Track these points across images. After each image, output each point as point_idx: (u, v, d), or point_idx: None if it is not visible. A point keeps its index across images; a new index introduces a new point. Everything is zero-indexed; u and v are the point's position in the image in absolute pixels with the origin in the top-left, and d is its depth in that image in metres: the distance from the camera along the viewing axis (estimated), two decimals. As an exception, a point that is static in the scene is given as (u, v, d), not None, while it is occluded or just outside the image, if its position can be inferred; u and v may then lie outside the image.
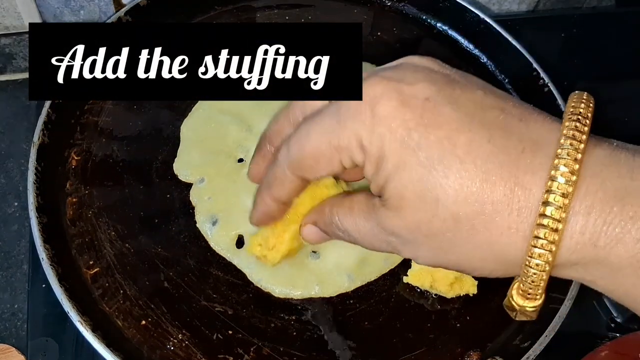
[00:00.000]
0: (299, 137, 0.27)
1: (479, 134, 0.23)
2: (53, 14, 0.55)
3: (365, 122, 0.24)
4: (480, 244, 0.23)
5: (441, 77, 0.25)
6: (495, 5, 0.64)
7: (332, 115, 0.26)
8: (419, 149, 0.23)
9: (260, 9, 0.51)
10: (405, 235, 0.25)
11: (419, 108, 0.23)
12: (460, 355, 0.36)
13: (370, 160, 0.25)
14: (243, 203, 0.40)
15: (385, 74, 0.25)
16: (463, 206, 0.23)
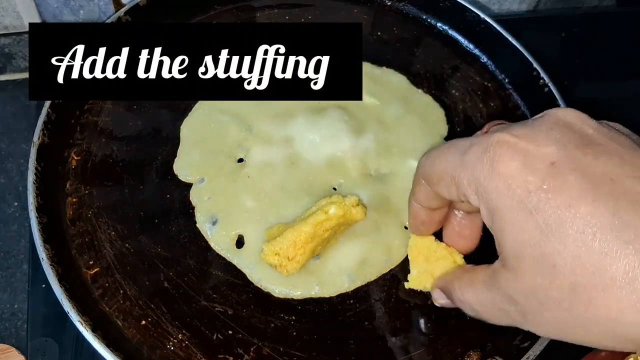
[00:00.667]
0: (434, 153, 0.29)
1: (602, 206, 0.22)
2: (52, 14, 0.55)
3: (483, 172, 0.24)
4: (599, 319, 0.23)
5: (577, 138, 0.24)
6: (496, 5, 0.64)
7: (461, 149, 0.26)
8: (536, 212, 0.23)
9: (260, 9, 0.51)
10: (522, 301, 0.25)
11: (543, 172, 0.23)
12: (460, 355, 0.36)
13: (484, 208, 0.25)
14: (243, 203, 0.40)
15: (519, 130, 0.25)
16: (581, 276, 0.22)
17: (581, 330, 0.24)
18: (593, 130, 0.24)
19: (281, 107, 0.44)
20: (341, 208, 0.36)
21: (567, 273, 0.22)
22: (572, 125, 0.24)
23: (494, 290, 0.26)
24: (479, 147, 0.25)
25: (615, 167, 0.23)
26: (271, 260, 0.36)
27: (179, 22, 0.49)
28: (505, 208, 0.24)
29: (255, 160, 0.41)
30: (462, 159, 0.26)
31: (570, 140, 0.24)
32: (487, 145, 0.25)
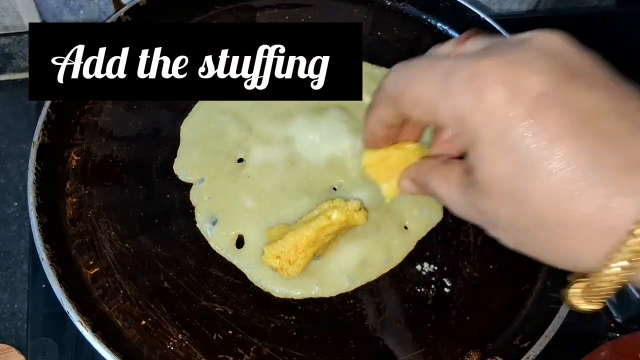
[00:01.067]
0: (407, 74, 0.27)
1: (582, 146, 0.22)
2: (52, 14, 0.55)
3: (468, 103, 0.24)
4: (561, 249, 0.23)
5: (564, 69, 0.23)
6: (496, 5, 0.64)
7: (442, 74, 0.25)
8: (514, 148, 0.23)
9: (260, 9, 0.51)
10: (493, 219, 0.25)
11: (527, 105, 0.22)
12: (460, 355, 0.36)
13: (464, 137, 0.25)
14: (243, 203, 0.40)
15: (507, 55, 0.24)
16: (549, 213, 0.23)
17: (543, 252, 0.24)
18: (580, 60, 0.24)
19: (281, 107, 0.44)
20: (344, 213, 0.36)
21: (537, 208, 0.23)
22: (560, 54, 0.24)
23: (468, 198, 0.26)
24: (463, 73, 0.24)
25: (601, 101, 0.23)
26: (272, 263, 0.36)
27: (179, 22, 0.49)
28: (486, 139, 0.23)
29: (255, 160, 0.41)
30: (444, 86, 0.25)
31: (559, 71, 0.23)
32: (474, 73, 0.24)
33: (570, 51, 0.24)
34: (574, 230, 0.22)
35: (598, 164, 0.21)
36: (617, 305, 0.43)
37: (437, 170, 0.29)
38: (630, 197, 0.21)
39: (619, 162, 0.21)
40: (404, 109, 0.28)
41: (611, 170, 0.21)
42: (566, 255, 0.23)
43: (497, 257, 0.40)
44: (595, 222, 0.22)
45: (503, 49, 0.25)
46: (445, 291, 0.38)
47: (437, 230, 0.40)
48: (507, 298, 0.38)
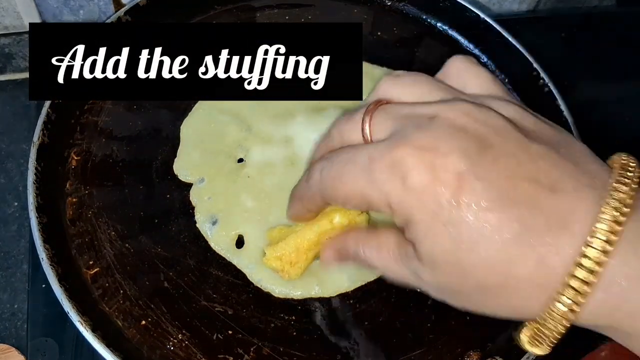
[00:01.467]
0: (332, 174, 0.28)
1: (508, 214, 0.23)
2: (52, 14, 0.55)
3: (395, 189, 0.25)
4: (505, 306, 0.25)
5: (474, 142, 0.24)
6: (496, 5, 0.64)
7: (364, 168, 0.26)
8: (449, 224, 0.24)
9: (260, 9, 0.51)
10: (436, 288, 0.27)
11: (451, 184, 0.24)
12: (460, 355, 0.36)
13: (400, 219, 0.26)
14: (243, 203, 0.40)
15: (419, 139, 0.25)
16: (488, 280, 0.24)
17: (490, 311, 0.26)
18: (486, 130, 0.25)
19: (281, 107, 0.44)
20: (346, 217, 0.36)
21: (478, 276, 0.24)
22: (467, 129, 0.25)
23: (405, 268, 0.28)
24: (384, 162, 0.25)
25: (514, 168, 0.24)
26: (273, 265, 0.36)
27: (179, 22, 0.49)
28: (420, 221, 0.25)
29: (255, 160, 0.41)
30: (368, 178, 0.26)
31: (470, 146, 0.24)
32: (393, 160, 0.25)
33: (476, 124, 0.25)
34: (515, 289, 0.24)
35: (526, 228, 0.23)
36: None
37: (368, 241, 0.30)
38: (559, 254, 0.23)
39: (542, 223, 0.23)
40: (336, 203, 0.29)
41: (537, 233, 0.23)
42: (511, 310, 0.25)
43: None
44: (533, 280, 0.24)
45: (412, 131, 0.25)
46: (445, 291, 0.38)
47: (437, 230, 0.40)
48: (507, 298, 0.38)
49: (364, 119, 0.28)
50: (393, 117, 0.27)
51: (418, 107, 0.27)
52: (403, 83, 0.28)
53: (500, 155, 0.24)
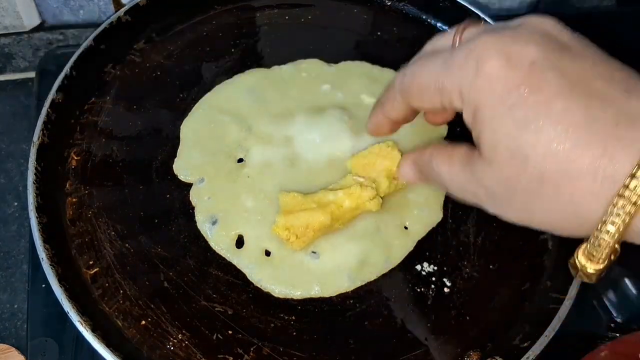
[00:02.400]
0: (413, 68, 0.29)
1: (577, 103, 0.23)
2: (52, 14, 0.55)
3: (468, 75, 0.26)
4: (563, 204, 0.25)
5: (555, 43, 0.25)
6: (496, 4, 0.64)
7: (443, 59, 0.27)
8: (515, 107, 0.24)
9: (260, 9, 0.51)
10: (494, 187, 0.27)
11: (522, 70, 0.24)
12: (460, 355, 0.36)
13: (468, 110, 0.26)
14: (243, 203, 0.40)
15: (501, 33, 0.26)
16: (549, 167, 0.24)
17: (545, 214, 0.26)
18: (568, 38, 0.26)
19: (281, 107, 0.44)
20: (354, 201, 0.37)
21: (539, 164, 0.24)
22: (550, 33, 0.26)
23: (469, 173, 0.28)
24: (462, 51, 0.26)
25: (589, 68, 0.25)
26: (280, 233, 0.37)
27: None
28: (487, 105, 0.25)
29: (255, 160, 0.41)
30: (446, 65, 0.27)
31: (549, 44, 0.25)
32: (471, 48, 0.26)
33: (560, 31, 0.26)
34: (575, 181, 0.24)
35: (593, 118, 0.23)
36: (617, 305, 0.43)
37: (440, 151, 0.31)
38: (624, 148, 0.23)
39: (611, 116, 0.23)
40: (412, 100, 0.30)
41: (605, 124, 0.23)
42: (567, 211, 0.25)
43: (497, 257, 0.40)
44: (594, 172, 0.23)
45: (497, 29, 0.27)
46: (445, 291, 0.38)
47: (437, 230, 0.40)
48: (507, 298, 0.38)
49: (457, 30, 0.29)
50: (484, 27, 0.28)
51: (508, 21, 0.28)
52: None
53: (578, 56, 0.25)
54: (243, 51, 0.48)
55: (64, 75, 0.42)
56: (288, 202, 0.38)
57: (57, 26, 0.56)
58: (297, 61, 0.47)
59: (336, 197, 0.37)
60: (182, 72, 0.46)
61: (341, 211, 0.37)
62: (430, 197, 0.41)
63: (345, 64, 0.48)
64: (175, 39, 0.48)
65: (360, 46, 0.50)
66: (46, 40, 0.56)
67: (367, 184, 0.38)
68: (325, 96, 0.45)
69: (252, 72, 0.47)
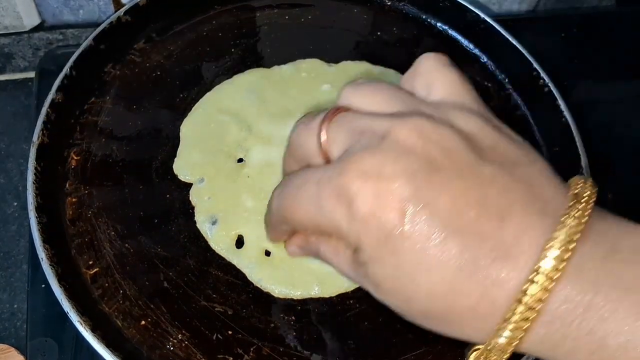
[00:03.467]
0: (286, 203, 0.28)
1: (452, 244, 0.23)
2: (52, 14, 0.55)
3: (342, 216, 0.25)
4: (451, 331, 0.26)
5: (423, 167, 0.24)
6: (495, 5, 0.64)
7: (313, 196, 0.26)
8: (393, 253, 0.24)
9: (260, 9, 0.51)
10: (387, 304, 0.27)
11: (396, 211, 0.23)
12: (460, 355, 0.36)
13: (349, 244, 0.26)
14: (243, 203, 0.40)
15: (365, 163, 0.24)
16: (432, 309, 0.24)
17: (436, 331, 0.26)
18: (436, 151, 0.24)
19: (281, 107, 0.44)
20: None
21: (423, 304, 0.24)
22: (415, 150, 0.24)
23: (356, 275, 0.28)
24: (331, 190, 0.25)
25: (462, 193, 0.23)
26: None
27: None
28: (367, 246, 0.25)
29: (255, 160, 0.41)
30: (317, 206, 0.26)
31: (417, 170, 0.24)
32: (339, 188, 0.25)
33: (426, 145, 0.24)
34: (459, 319, 0.24)
35: (470, 259, 0.23)
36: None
37: (327, 243, 0.30)
38: (503, 287, 0.23)
39: (487, 253, 0.23)
40: (297, 228, 0.29)
41: (482, 263, 0.23)
42: (457, 335, 0.26)
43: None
44: (477, 310, 0.24)
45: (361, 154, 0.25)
46: (445, 291, 0.38)
47: (437, 230, 0.40)
48: (507, 298, 0.38)
49: (321, 128, 0.27)
50: (347, 130, 0.26)
51: (373, 120, 0.26)
52: (363, 91, 0.28)
53: (447, 181, 0.24)
54: (243, 51, 0.48)
55: (64, 75, 0.42)
56: None
57: (57, 26, 0.56)
58: (297, 61, 0.47)
59: None
60: (182, 72, 0.46)
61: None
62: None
63: (345, 64, 0.48)
64: (175, 39, 0.48)
65: (360, 46, 0.50)
66: (46, 40, 0.56)
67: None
68: (325, 96, 0.45)
69: (252, 72, 0.47)
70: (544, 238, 0.23)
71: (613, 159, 0.51)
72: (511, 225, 0.23)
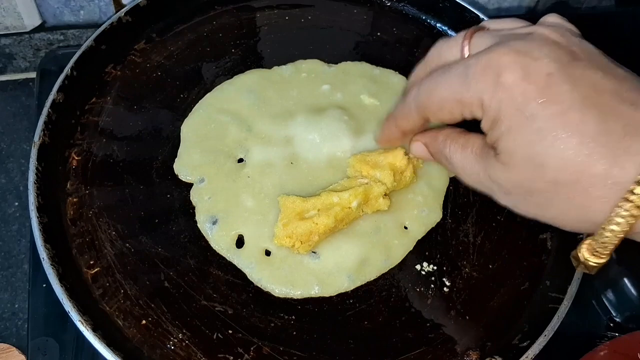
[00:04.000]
0: (428, 85, 0.30)
1: (590, 115, 0.25)
2: (53, 14, 0.55)
3: (488, 86, 0.27)
4: (574, 206, 0.27)
5: (566, 53, 0.27)
6: (495, 5, 0.64)
7: (460, 73, 0.28)
8: (533, 118, 0.26)
9: (260, 9, 0.51)
10: (508, 188, 0.28)
11: (540, 83, 0.26)
12: (460, 355, 0.36)
13: (488, 118, 0.28)
14: (243, 203, 0.40)
15: (515, 45, 0.27)
16: (564, 174, 0.26)
17: (556, 214, 0.28)
18: (577, 48, 0.28)
19: (281, 107, 0.44)
20: (364, 200, 0.38)
21: (553, 171, 0.26)
22: (559, 43, 0.27)
23: (483, 168, 0.30)
24: (479, 65, 0.27)
25: (599, 80, 0.26)
26: (283, 243, 0.37)
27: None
28: (507, 115, 0.27)
29: (255, 160, 0.41)
30: (464, 80, 0.28)
31: (561, 55, 0.27)
32: (488, 62, 0.27)
33: (569, 40, 0.28)
34: (586, 187, 0.26)
35: (604, 130, 0.25)
36: (616, 304, 0.43)
37: (455, 139, 0.32)
38: (632, 157, 0.25)
39: (620, 128, 0.25)
40: (430, 114, 0.31)
41: (615, 136, 0.25)
42: (578, 212, 0.27)
43: (497, 257, 0.40)
44: (604, 179, 0.25)
45: (509, 41, 0.28)
46: (445, 291, 0.38)
47: (436, 230, 0.40)
48: (506, 298, 0.38)
49: (464, 37, 0.30)
50: (491, 36, 0.29)
51: (514, 30, 0.29)
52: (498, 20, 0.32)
53: (589, 67, 0.26)
54: (243, 51, 0.48)
55: (65, 75, 0.42)
56: (288, 206, 0.37)
57: (58, 26, 0.56)
58: (297, 61, 0.47)
59: (341, 199, 0.37)
60: (183, 72, 0.47)
61: (346, 212, 0.37)
62: (429, 197, 0.41)
63: (345, 64, 0.48)
64: (175, 40, 0.48)
65: (360, 46, 0.50)
66: (47, 41, 0.56)
67: (373, 182, 0.38)
68: (325, 96, 0.45)
69: (252, 72, 0.47)
70: None
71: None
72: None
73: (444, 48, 0.32)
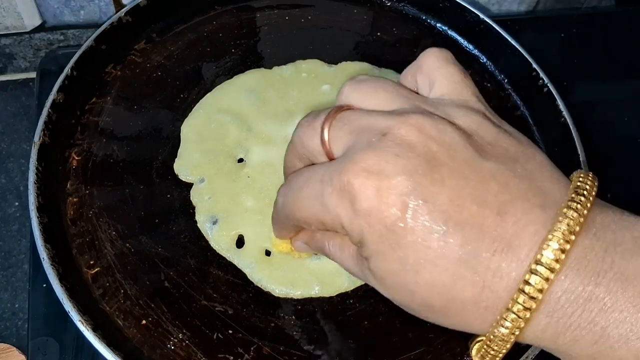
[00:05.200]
0: (293, 195, 0.29)
1: (453, 238, 0.23)
2: (53, 14, 0.55)
3: (346, 212, 0.25)
4: (452, 324, 0.26)
5: (423, 163, 0.24)
6: (495, 5, 0.64)
7: (318, 193, 0.26)
8: (395, 247, 0.24)
9: (260, 9, 0.51)
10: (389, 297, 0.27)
11: (397, 205, 0.24)
12: (460, 355, 0.36)
13: (353, 240, 0.26)
14: (243, 203, 0.40)
15: (366, 159, 0.25)
16: (435, 301, 0.25)
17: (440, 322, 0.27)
18: (436, 147, 0.24)
19: (281, 107, 0.44)
20: None
21: (425, 297, 0.25)
22: (415, 147, 0.24)
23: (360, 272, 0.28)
24: (333, 187, 0.25)
25: (462, 188, 0.24)
26: (282, 249, 0.36)
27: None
28: (370, 241, 0.25)
29: (255, 160, 0.42)
30: (321, 202, 0.26)
31: (417, 166, 0.24)
32: (342, 185, 0.25)
33: (427, 142, 0.25)
34: (461, 311, 0.25)
35: (470, 252, 0.23)
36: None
37: (332, 237, 0.31)
38: (502, 279, 0.23)
39: (487, 246, 0.23)
40: (302, 225, 0.30)
41: (483, 256, 0.23)
42: (459, 327, 0.26)
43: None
44: (478, 303, 0.24)
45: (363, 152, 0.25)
46: (445, 291, 0.38)
47: (436, 230, 0.40)
48: (506, 298, 0.38)
49: (324, 127, 0.27)
50: (349, 129, 0.27)
51: (374, 118, 0.26)
52: (364, 89, 0.28)
53: (448, 176, 0.24)
54: (243, 51, 0.48)
55: (65, 75, 0.42)
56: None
57: (58, 26, 0.56)
58: (297, 61, 0.47)
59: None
60: (183, 72, 0.47)
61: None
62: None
63: (345, 64, 0.48)
64: (175, 40, 0.48)
65: (360, 46, 0.50)
66: (47, 41, 0.56)
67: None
68: (325, 96, 0.45)
69: (252, 72, 0.47)
70: (545, 230, 0.23)
71: (612, 159, 0.52)
72: (512, 219, 0.23)
73: (305, 136, 0.29)
